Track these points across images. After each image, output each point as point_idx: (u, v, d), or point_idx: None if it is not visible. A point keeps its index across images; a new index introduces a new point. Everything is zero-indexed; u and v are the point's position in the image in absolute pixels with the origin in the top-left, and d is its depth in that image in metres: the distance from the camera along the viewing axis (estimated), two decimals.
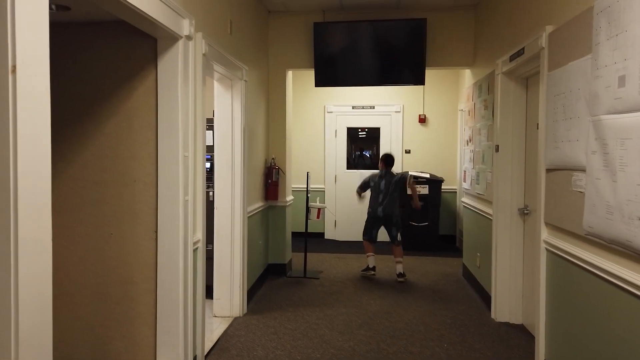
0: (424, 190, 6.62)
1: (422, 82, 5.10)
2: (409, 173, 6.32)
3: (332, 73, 5.21)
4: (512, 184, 3.87)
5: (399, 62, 5.10)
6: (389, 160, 5.27)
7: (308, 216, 5.56)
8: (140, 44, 2.72)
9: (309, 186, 5.62)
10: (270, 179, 5.05)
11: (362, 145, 7.63)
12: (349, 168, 7.49)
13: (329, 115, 7.47)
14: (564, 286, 2.65)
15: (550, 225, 2.83)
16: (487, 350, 3.41)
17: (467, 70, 5.34)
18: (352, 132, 7.51)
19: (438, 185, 6.68)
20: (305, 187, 5.82)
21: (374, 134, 7.47)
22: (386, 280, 5.18)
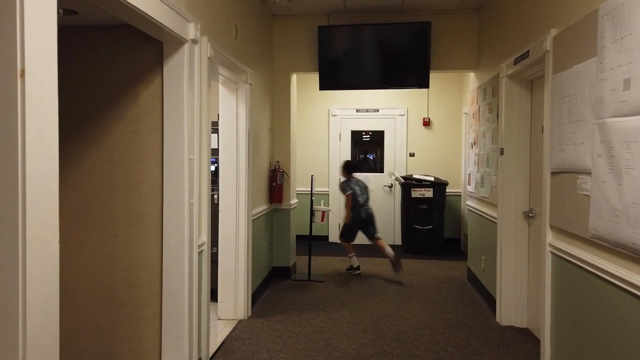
0: (428, 193, 6.61)
1: (426, 85, 5.11)
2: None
3: (336, 76, 5.23)
4: (517, 187, 3.86)
5: (403, 65, 5.11)
6: (351, 167, 5.64)
7: (312, 219, 5.58)
8: (146, 48, 2.74)
9: (313, 189, 5.63)
10: (274, 182, 5.06)
11: (366, 148, 7.63)
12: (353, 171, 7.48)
13: (333, 119, 7.48)
14: (570, 289, 2.64)
15: (556, 229, 2.83)
16: (492, 354, 3.39)
17: (472, 74, 5.34)
18: (356, 135, 7.52)
19: (442, 188, 6.67)
20: (309, 190, 5.84)
21: (378, 137, 7.47)
22: (390, 284, 5.17)
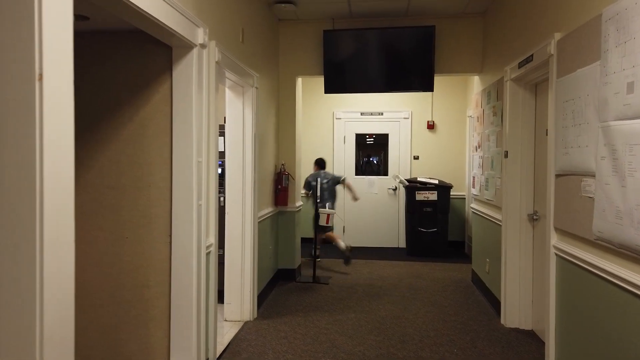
0: (432, 196, 6.63)
1: (430, 89, 5.14)
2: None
3: (341, 80, 5.26)
4: (521, 190, 3.88)
5: (407, 68, 5.14)
6: (322, 163, 6.21)
7: (317, 221, 5.61)
8: (156, 52, 2.78)
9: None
10: (280, 185, 5.10)
11: (371, 151, 7.66)
12: (357, 174, 7.52)
13: (337, 122, 7.52)
14: (574, 291, 2.66)
15: (560, 231, 2.85)
16: (497, 356, 3.41)
17: (476, 77, 5.37)
18: (361, 139, 7.55)
19: (447, 191, 6.69)
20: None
21: (382, 140, 7.50)
22: (395, 286, 5.19)
